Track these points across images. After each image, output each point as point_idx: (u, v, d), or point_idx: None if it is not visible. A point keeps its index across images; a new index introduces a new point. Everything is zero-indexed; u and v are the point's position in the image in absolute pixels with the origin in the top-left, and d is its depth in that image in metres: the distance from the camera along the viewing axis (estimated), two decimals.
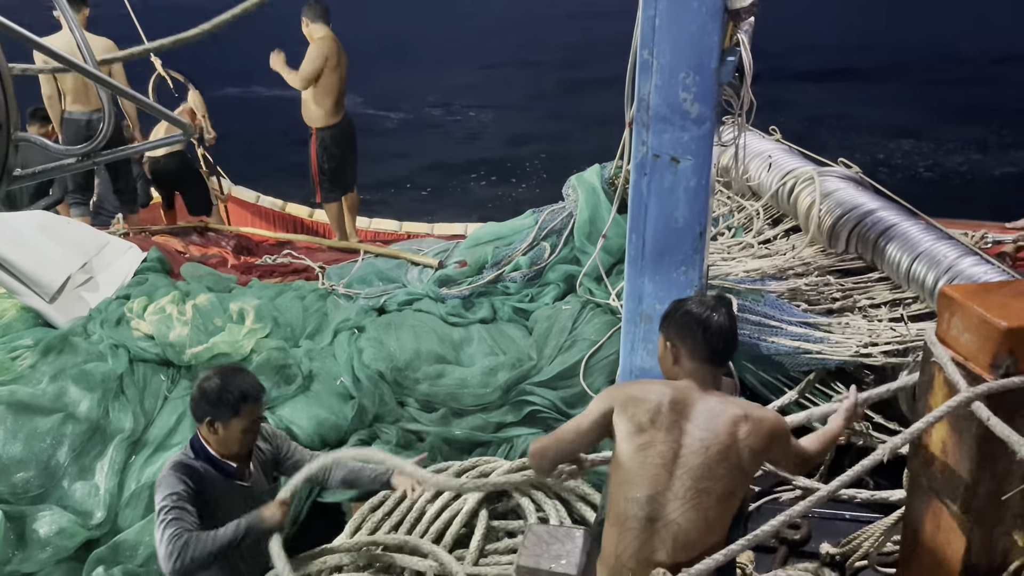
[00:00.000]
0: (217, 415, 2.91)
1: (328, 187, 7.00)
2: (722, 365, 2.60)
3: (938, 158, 14.48)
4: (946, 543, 2.57)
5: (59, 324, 4.77)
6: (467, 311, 4.80)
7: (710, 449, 2.40)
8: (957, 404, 2.30)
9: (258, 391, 2.97)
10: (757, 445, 2.43)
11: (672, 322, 2.61)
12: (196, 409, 2.98)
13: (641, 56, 3.42)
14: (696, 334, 2.53)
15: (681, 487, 2.39)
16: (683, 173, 3.51)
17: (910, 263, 3.88)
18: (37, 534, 3.44)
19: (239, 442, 2.97)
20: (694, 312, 2.57)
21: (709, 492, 2.39)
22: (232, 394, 2.89)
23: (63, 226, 5.82)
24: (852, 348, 3.54)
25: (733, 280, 4.20)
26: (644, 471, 2.42)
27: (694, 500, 2.38)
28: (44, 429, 3.78)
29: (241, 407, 2.90)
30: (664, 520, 2.38)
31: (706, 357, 2.54)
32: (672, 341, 2.59)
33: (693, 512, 2.38)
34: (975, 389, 2.28)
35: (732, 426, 2.43)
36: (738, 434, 2.42)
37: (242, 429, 2.93)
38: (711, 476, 2.39)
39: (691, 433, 2.43)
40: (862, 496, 3.36)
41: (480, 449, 4.07)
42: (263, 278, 5.74)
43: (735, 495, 2.44)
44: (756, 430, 2.44)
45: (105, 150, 3.19)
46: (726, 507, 2.42)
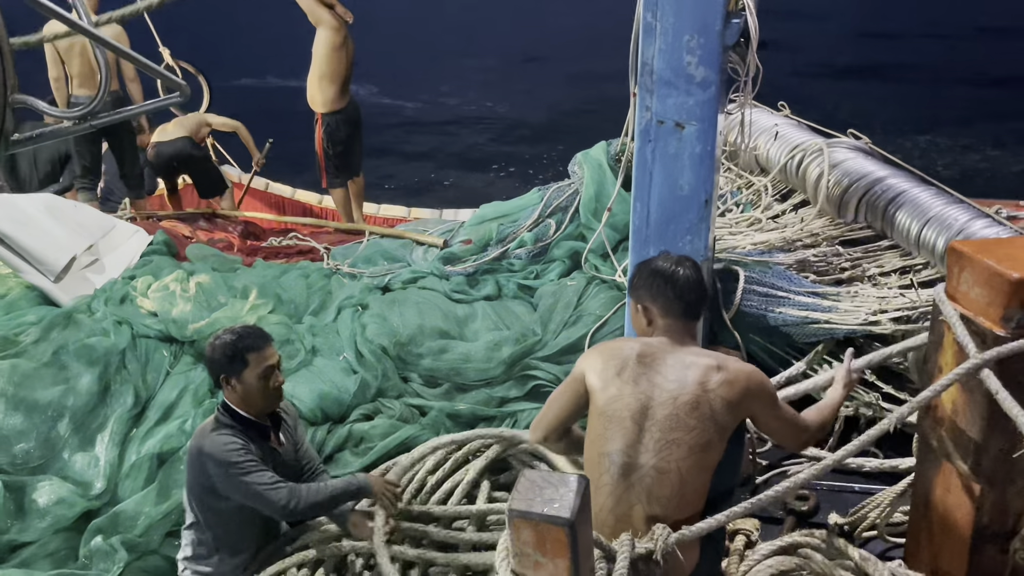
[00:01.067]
0: (230, 370, 2.95)
1: (334, 172, 7.00)
2: (694, 318, 2.59)
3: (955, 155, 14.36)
4: (956, 506, 2.51)
5: (64, 303, 4.77)
6: (471, 288, 4.76)
7: (679, 399, 2.38)
8: (965, 372, 2.25)
9: (263, 337, 3.01)
10: (730, 396, 2.39)
11: (639, 283, 2.61)
12: (211, 371, 3.07)
13: (644, 19, 3.36)
14: (665, 291, 2.54)
15: (651, 439, 2.37)
16: (688, 139, 3.46)
17: (920, 228, 3.80)
18: (36, 504, 3.42)
19: (260, 393, 2.98)
20: (660, 269, 2.58)
21: (679, 443, 2.35)
22: (237, 346, 2.94)
23: (69, 208, 5.83)
24: (861, 316, 3.47)
25: (740, 253, 4.14)
26: (614, 425, 2.40)
27: (665, 451, 2.35)
28: (45, 401, 3.77)
29: (248, 355, 2.94)
30: (638, 474, 2.36)
31: (678, 312, 2.53)
32: (642, 302, 2.59)
33: (664, 463, 2.35)
34: (983, 355, 2.21)
35: (703, 376, 2.40)
36: (708, 384, 2.39)
37: (257, 377, 2.95)
38: (681, 427, 2.36)
39: (660, 385, 2.41)
40: (871, 465, 3.29)
41: (484, 423, 4.02)
42: (268, 259, 5.73)
43: (710, 447, 2.39)
44: (729, 380, 2.40)
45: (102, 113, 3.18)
46: (700, 459, 2.38)
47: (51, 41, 5.09)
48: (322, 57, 6.60)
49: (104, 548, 3.32)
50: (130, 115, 2.93)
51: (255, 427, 3.03)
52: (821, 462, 2.42)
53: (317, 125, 6.84)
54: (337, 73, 6.65)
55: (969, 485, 2.44)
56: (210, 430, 2.97)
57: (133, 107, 2.90)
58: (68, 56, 6.28)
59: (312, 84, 6.73)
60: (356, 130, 7.00)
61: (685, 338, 2.53)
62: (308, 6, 6.50)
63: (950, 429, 2.46)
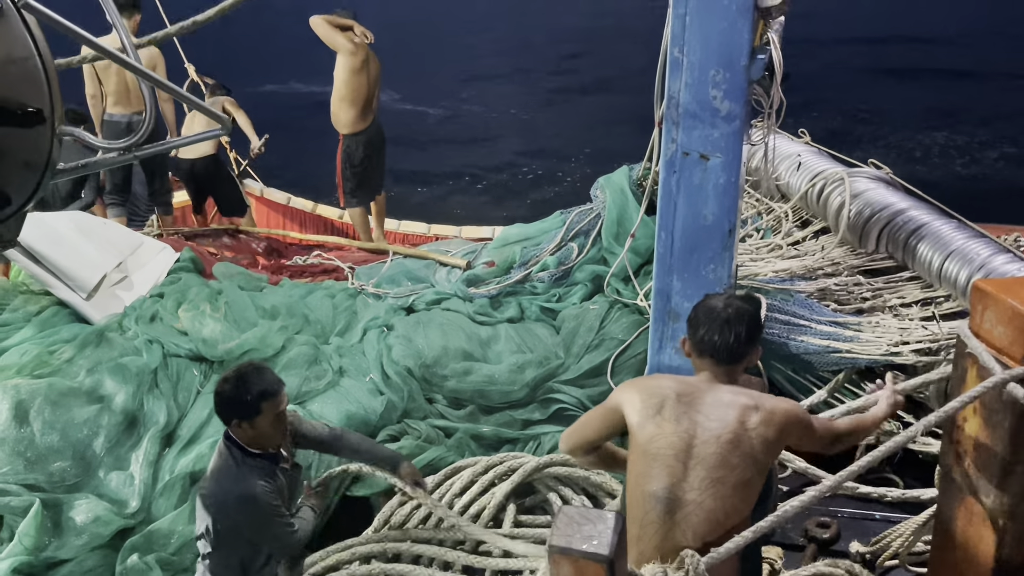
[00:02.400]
0: (242, 415, 2.92)
1: (351, 192, 7.06)
2: (726, 364, 2.55)
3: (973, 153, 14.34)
4: (978, 539, 2.54)
5: (95, 321, 4.87)
6: (495, 310, 4.83)
7: (722, 438, 2.39)
8: (993, 384, 2.28)
9: (276, 385, 2.98)
10: (769, 435, 2.41)
11: (690, 316, 2.62)
12: (220, 412, 3.01)
13: (671, 54, 3.44)
14: (700, 330, 2.53)
15: (696, 478, 2.38)
16: (712, 170, 3.53)
17: (942, 261, 3.85)
18: (73, 521, 3.50)
19: (269, 437, 2.99)
20: (705, 308, 2.57)
21: (724, 481, 2.37)
22: (251, 393, 2.89)
23: (99, 226, 5.94)
24: (882, 347, 3.52)
25: (762, 280, 4.19)
26: (657, 464, 2.41)
27: (711, 490, 2.37)
28: (81, 420, 3.86)
29: (262, 404, 2.90)
30: (683, 512, 2.38)
31: (710, 354, 2.52)
32: (688, 335, 2.60)
33: (711, 502, 2.37)
34: (1010, 372, 2.25)
35: (742, 415, 2.42)
36: (748, 423, 2.41)
37: (270, 423, 2.95)
38: (725, 465, 2.38)
39: (702, 424, 2.42)
40: (893, 495, 3.33)
41: (508, 446, 4.09)
42: (293, 278, 5.82)
43: (751, 484, 2.42)
44: (767, 420, 2.42)
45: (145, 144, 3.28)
46: (743, 495, 2.41)
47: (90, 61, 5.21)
48: (342, 81, 6.67)
49: (139, 566, 3.40)
50: (172, 147, 3.02)
51: (269, 458, 3.03)
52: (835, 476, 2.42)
53: (339, 145, 6.92)
54: (358, 95, 6.71)
55: (991, 519, 2.48)
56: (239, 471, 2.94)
57: (175, 140, 3.01)
58: (105, 74, 6.42)
59: (334, 105, 6.81)
60: (377, 152, 7.04)
61: (723, 379, 2.53)
62: (324, 34, 6.57)
63: (972, 462, 2.50)
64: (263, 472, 2.98)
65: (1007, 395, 2.26)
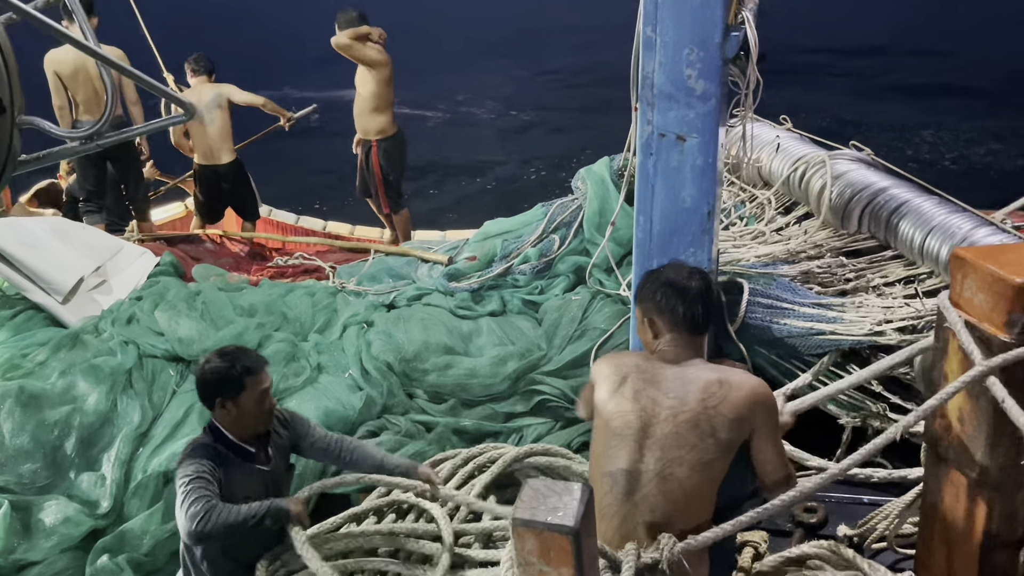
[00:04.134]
0: (225, 393, 2.91)
1: (395, 196, 7.04)
2: (701, 333, 2.51)
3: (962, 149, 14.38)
4: (966, 514, 2.49)
5: (71, 324, 4.80)
6: (476, 304, 4.77)
7: (678, 416, 2.32)
8: (971, 379, 2.23)
9: (259, 362, 2.98)
10: (734, 411, 2.33)
11: (646, 295, 2.53)
12: (203, 393, 2.99)
13: (644, 33, 3.39)
14: (672, 304, 2.45)
15: (652, 458, 2.32)
16: (689, 152, 3.47)
17: (923, 238, 3.79)
18: (43, 523, 3.43)
19: (254, 417, 2.96)
20: (668, 281, 2.49)
21: (681, 461, 2.30)
22: (235, 369, 2.90)
23: (77, 230, 5.87)
24: (866, 327, 3.46)
25: (744, 265, 4.14)
26: (615, 442, 2.36)
27: (667, 470, 2.30)
28: (52, 421, 3.79)
29: (246, 379, 2.90)
30: (641, 492, 2.31)
31: (685, 326, 2.45)
32: (648, 315, 2.51)
33: (666, 483, 2.30)
34: (989, 363, 2.19)
35: (703, 392, 2.34)
36: (710, 400, 2.33)
37: (254, 401, 2.93)
38: (682, 444, 2.31)
39: (660, 401, 2.36)
40: (879, 476, 3.27)
41: (490, 439, 4.01)
42: (275, 279, 5.75)
43: (713, 464, 2.34)
44: (731, 395, 2.34)
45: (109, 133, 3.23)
46: (704, 475, 2.33)
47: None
48: (372, 92, 6.57)
49: (110, 567, 3.33)
50: (135, 134, 2.97)
51: (238, 450, 2.98)
52: (827, 471, 2.40)
53: (372, 154, 6.82)
54: (390, 101, 6.69)
55: (978, 493, 2.42)
56: (190, 448, 2.94)
57: (138, 127, 2.94)
58: (72, 84, 6.34)
59: (364, 116, 6.71)
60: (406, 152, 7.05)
61: (689, 352, 2.46)
62: (356, 54, 6.45)
63: (957, 437, 2.44)
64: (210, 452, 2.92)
65: None
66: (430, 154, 15.23)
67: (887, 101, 16.91)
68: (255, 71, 19.31)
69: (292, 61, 21.39)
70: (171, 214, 8.51)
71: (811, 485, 2.40)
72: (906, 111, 16.27)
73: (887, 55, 20.18)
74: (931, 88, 17.70)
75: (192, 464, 2.86)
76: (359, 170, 7.03)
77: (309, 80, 18.41)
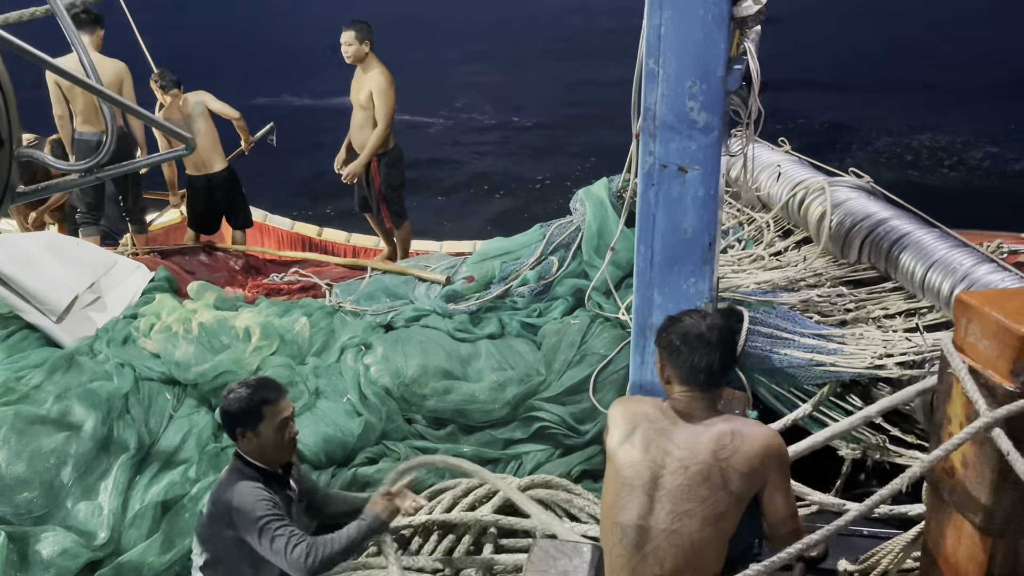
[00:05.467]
0: (245, 424, 2.97)
1: (398, 209, 6.95)
2: (715, 388, 2.46)
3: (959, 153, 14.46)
4: (968, 558, 2.49)
5: (66, 344, 4.75)
6: (474, 326, 4.75)
7: (690, 469, 2.29)
8: (976, 431, 2.22)
9: (277, 391, 3.04)
10: (743, 465, 2.31)
11: (664, 340, 2.49)
12: (227, 424, 3.06)
13: (647, 65, 3.39)
14: (687, 359, 2.40)
15: (663, 511, 2.30)
16: (691, 183, 3.47)
17: (924, 271, 3.80)
18: (40, 555, 3.39)
19: (275, 445, 3.00)
20: (685, 334, 2.43)
21: (692, 514, 2.28)
22: (252, 400, 2.96)
23: (71, 246, 5.82)
24: (866, 359, 3.47)
25: (744, 292, 4.14)
26: (625, 494, 2.33)
27: (677, 523, 2.28)
28: (48, 448, 3.75)
29: (264, 409, 2.96)
30: (651, 545, 2.29)
31: (696, 383, 2.41)
32: (663, 361, 2.49)
33: (677, 537, 2.28)
34: (994, 414, 2.19)
35: (715, 444, 2.31)
36: (721, 453, 2.30)
37: (273, 430, 2.98)
38: (692, 498, 2.28)
39: (671, 453, 2.33)
40: (880, 511, 3.27)
41: (489, 466, 3.99)
42: (270, 296, 5.72)
43: (725, 517, 2.31)
44: (742, 447, 2.31)
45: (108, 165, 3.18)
46: (715, 529, 2.30)
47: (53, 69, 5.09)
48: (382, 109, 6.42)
49: None
50: (135, 168, 2.93)
51: (273, 477, 3.04)
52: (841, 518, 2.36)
53: (372, 169, 6.70)
54: (393, 110, 6.55)
55: (981, 537, 2.42)
56: (236, 480, 2.96)
57: (137, 161, 2.90)
58: (72, 94, 6.32)
59: (364, 130, 6.56)
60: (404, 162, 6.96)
61: (703, 405, 2.43)
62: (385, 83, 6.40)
63: (960, 481, 2.45)
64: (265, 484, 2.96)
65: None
66: (429, 161, 15.21)
67: (885, 107, 16.97)
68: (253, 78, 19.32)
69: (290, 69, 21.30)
70: (167, 219, 8.45)
71: (819, 536, 2.37)
72: (903, 116, 16.33)
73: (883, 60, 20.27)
74: (927, 92, 17.79)
75: (258, 500, 2.88)
76: (357, 186, 6.94)
77: (305, 88, 18.35)
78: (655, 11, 3.26)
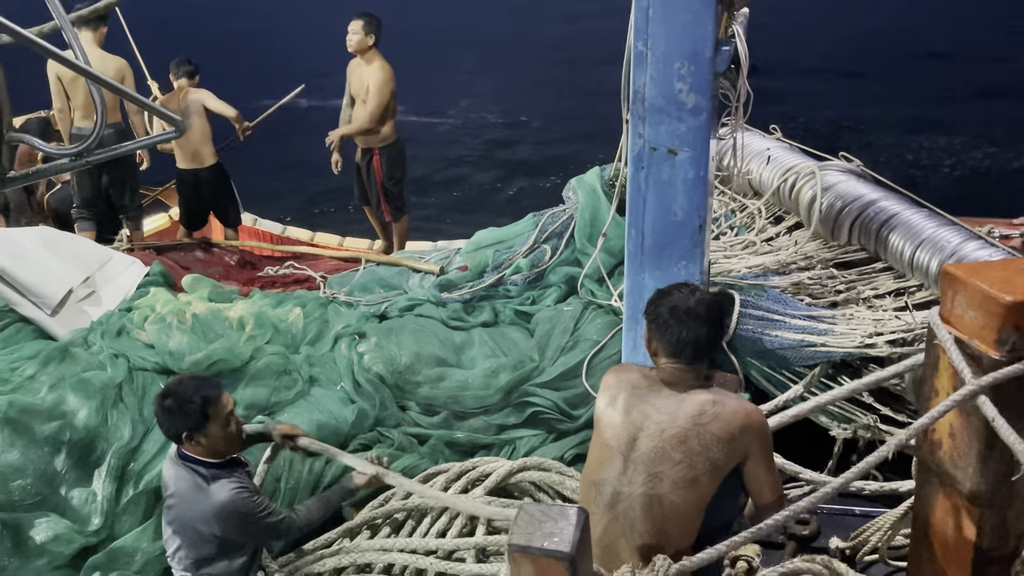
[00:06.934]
0: (190, 427, 2.89)
1: (398, 204, 6.99)
2: (700, 362, 2.47)
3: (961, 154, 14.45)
4: (957, 529, 2.50)
5: (60, 337, 4.76)
6: (468, 315, 4.76)
7: (666, 432, 2.33)
8: (962, 398, 2.24)
9: (216, 389, 2.96)
10: (726, 432, 2.33)
11: (652, 314, 2.51)
12: (169, 430, 2.96)
13: (635, 48, 3.40)
14: (674, 331, 2.42)
15: (635, 471, 2.33)
16: (681, 165, 3.48)
17: (913, 250, 3.82)
18: (33, 541, 3.40)
19: (224, 440, 2.97)
20: (673, 308, 2.45)
21: (662, 477, 2.31)
22: (194, 403, 2.87)
23: (66, 241, 5.83)
24: (857, 339, 3.48)
25: (735, 276, 4.15)
26: (602, 455, 2.38)
27: (648, 484, 2.31)
28: (42, 437, 3.75)
29: (208, 410, 2.89)
30: (623, 505, 2.33)
31: (682, 355, 2.43)
32: (650, 333, 2.51)
33: (647, 500, 2.31)
34: (980, 381, 2.21)
35: (697, 410, 2.34)
36: (702, 418, 2.33)
37: (220, 428, 2.93)
38: (665, 460, 2.31)
39: (650, 416, 2.37)
40: (871, 488, 3.29)
41: (483, 451, 4.02)
42: (265, 288, 5.73)
43: (697, 483, 2.34)
44: (723, 414, 2.34)
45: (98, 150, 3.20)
46: (686, 494, 2.33)
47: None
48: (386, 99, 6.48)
49: None
50: (124, 152, 2.94)
51: (232, 463, 3.01)
52: (821, 489, 2.41)
53: (374, 161, 6.75)
54: (395, 109, 6.61)
55: (969, 508, 2.44)
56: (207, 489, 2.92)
57: (127, 144, 2.91)
58: (72, 88, 6.32)
59: (370, 124, 6.57)
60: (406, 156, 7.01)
61: (689, 378, 2.45)
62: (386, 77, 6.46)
63: (948, 453, 2.46)
64: (233, 476, 2.94)
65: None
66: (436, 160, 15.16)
67: (885, 105, 16.97)
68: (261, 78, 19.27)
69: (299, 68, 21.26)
70: (155, 225, 8.44)
71: (804, 504, 2.41)
72: (903, 115, 16.33)
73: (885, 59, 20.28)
74: (928, 92, 17.79)
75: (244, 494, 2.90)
76: (357, 178, 6.98)
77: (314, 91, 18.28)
78: None
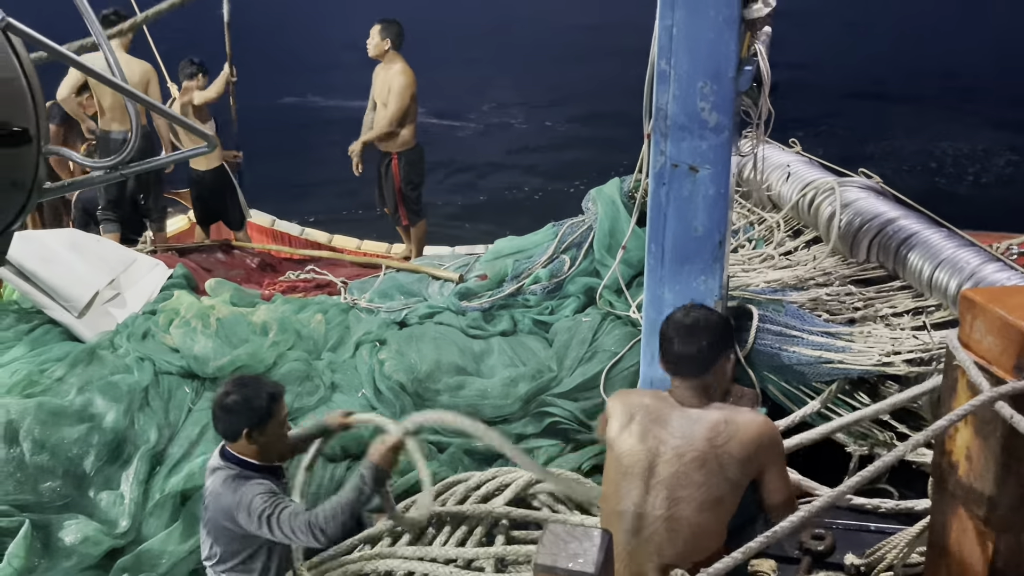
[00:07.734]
0: (254, 423, 2.91)
1: (415, 208, 7.06)
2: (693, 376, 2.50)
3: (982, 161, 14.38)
4: (972, 550, 2.53)
5: (87, 339, 4.85)
6: (487, 323, 4.82)
7: (684, 456, 2.36)
8: (980, 403, 2.27)
9: (280, 387, 3.05)
10: (739, 451, 2.37)
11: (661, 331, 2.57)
12: (229, 426, 2.95)
13: (659, 66, 3.45)
14: (669, 349, 2.49)
15: (658, 497, 2.36)
16: (702, 182, 3.53)
17: (932, 270, 3.85)
18: (63, 542, 3.47)
19: (280, 440, 3.01)
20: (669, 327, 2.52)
21: (688, 501, 2.34)
22: (261, 398, 2.92)
23: (92, 243, 5.93)
24: (874, 357, 3.51)
25: (753, 291, 4.18)
26: (624, 482, 2.40)
27: (673, 509, 2.34)
28: (71, 439, 3.83)
29: (273, 407, 2.94)
30: (648, 531, 2.36)
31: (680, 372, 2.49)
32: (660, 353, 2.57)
33: (674, 523, 2.34)
34: (998, 389, 2.24)
35: (710, 431, 2.38)
36: (716, 440, 2.37)
37: (279, 425, 2.98)
38: (689, 483, 2.34)
39: (666, 441, 2.40)
40: (887, 506, 3.32)
41: (500, 460, 4.05)
42: (286, 293, 5.81)
43: (722, 502, 2.38)
44: (737, 434, 2.38)
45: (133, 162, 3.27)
46: (712, 515, 2.36)
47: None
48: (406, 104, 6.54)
49: None
50: (159, 165, 2.99)
51: (271, 471, 3.03)
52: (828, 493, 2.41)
53: (393, 166, 6.81)
54: (415, 113, 6.67)
55: (985, 531, 2.46)
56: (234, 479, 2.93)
57: (161, 158, 2.98)
58: (100, 91, 6.40)
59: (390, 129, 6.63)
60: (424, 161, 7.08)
61: (698, 394, 2.49)
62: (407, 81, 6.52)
63: (965, 474, 2.48)
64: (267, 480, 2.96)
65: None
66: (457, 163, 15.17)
67: (906, 115, 16.89)
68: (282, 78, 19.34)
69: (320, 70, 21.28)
70: (176, 227, 8.55)
71: (814, 508, 2.43)
72: (926, 124, 16.24)
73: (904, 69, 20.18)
74: (948, 100, 17.69)
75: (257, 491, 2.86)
76: (378, 183, 7.06)
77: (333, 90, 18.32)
78: (667, 12, 3.32)
